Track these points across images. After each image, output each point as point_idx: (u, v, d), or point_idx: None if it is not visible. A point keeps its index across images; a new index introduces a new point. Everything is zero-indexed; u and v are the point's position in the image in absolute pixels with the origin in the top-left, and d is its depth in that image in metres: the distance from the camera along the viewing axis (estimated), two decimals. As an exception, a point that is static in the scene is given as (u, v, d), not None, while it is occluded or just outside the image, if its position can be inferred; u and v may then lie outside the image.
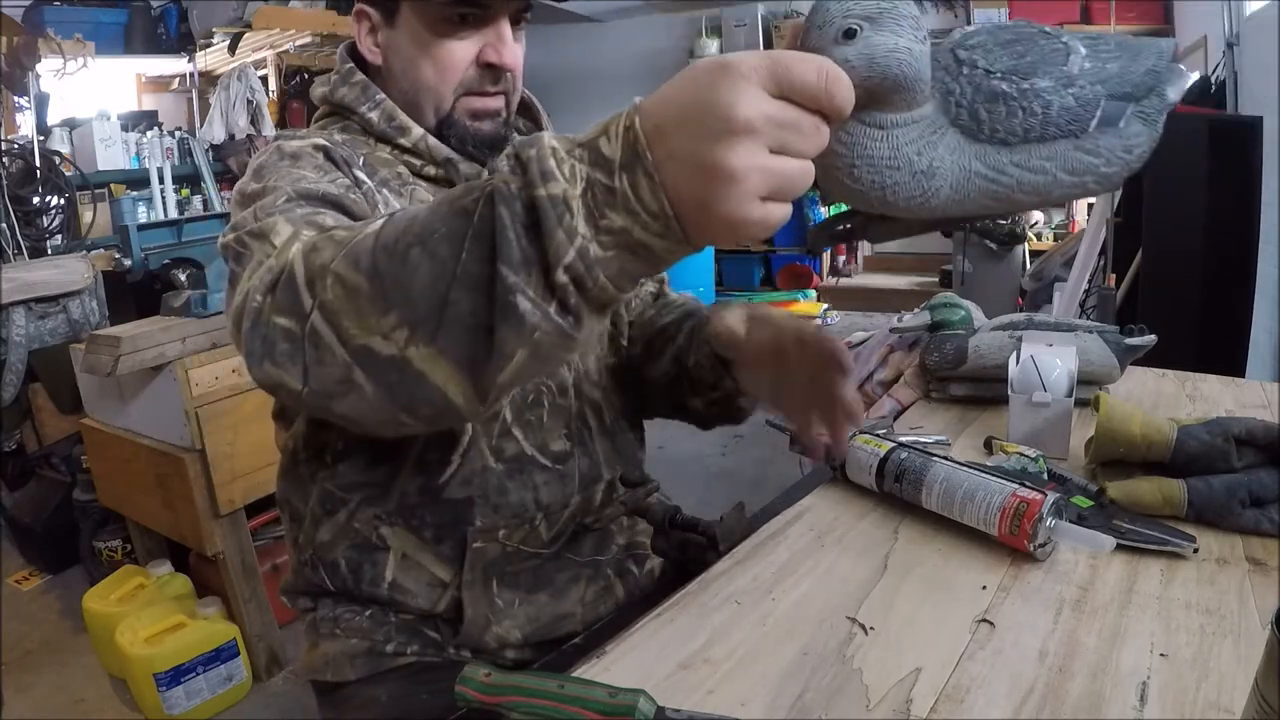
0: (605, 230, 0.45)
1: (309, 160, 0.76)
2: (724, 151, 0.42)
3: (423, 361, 0.49)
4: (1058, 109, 0.52)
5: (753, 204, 0.43)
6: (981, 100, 0.51)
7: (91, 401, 2.13)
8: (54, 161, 3.21)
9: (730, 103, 0.42)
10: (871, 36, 0.47)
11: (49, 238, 3.12)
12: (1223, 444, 0.78)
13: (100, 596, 1.98)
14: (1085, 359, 1.06)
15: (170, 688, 1.80)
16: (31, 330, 2.58)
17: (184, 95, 4.40)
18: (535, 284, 0.46)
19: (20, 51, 3.25)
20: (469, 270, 0.46)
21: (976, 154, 0.51)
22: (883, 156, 0.49)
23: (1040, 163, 0.52)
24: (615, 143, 0.45)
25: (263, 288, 0.56)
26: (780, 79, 0.42)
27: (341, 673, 0.83)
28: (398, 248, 0.49)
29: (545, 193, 0.45)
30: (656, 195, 0.44)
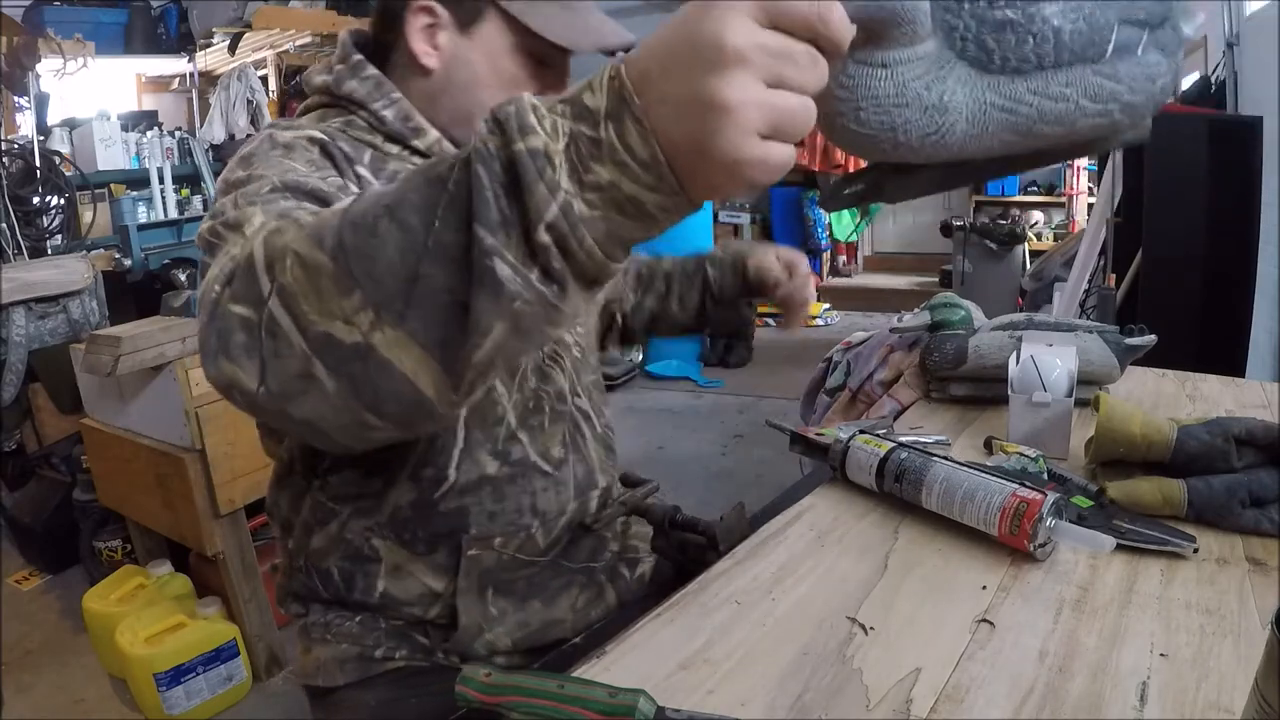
0: (591, 186, 0.42)
1: (302, 153, 0.73)
2: (716, 83, 0.39)
3: (389, 347, 0.44)
4: (1070, 33, 0.49)
5: (751, 140, 0.40)
6: (989, 30, 0.48)
7: (91, 401, 2.13)
8: (54, 161, 3.21)
9: (718, 31, 0.39)
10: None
11: (49, 238, 3.13)
12: (1223, 444, 0.77)
13: (100, 596, 1.98)
14: (1085, 359, 1.06)
15: (170, 688, 1.80)
16: (31, 330, 2.58)
17: (184, 95, 4.40)
18: (515, 247, 0.42)
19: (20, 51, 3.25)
20: (442, 240, 0.43)
21: (990, 85, 0.49)
22: (889, 95, 0.47)
23: (1060, 89, 0.49)
24: (600, 93, 0.42)
25: (222, 277, 0.51)
26: (770, 8, 0.40)
27: (332, 677, 0.83)
28: (365, 221, 0.45)
29: (524, 146, 0.41)
30: (647, 141, 0.40)
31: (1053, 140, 0.52)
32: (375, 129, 0.82)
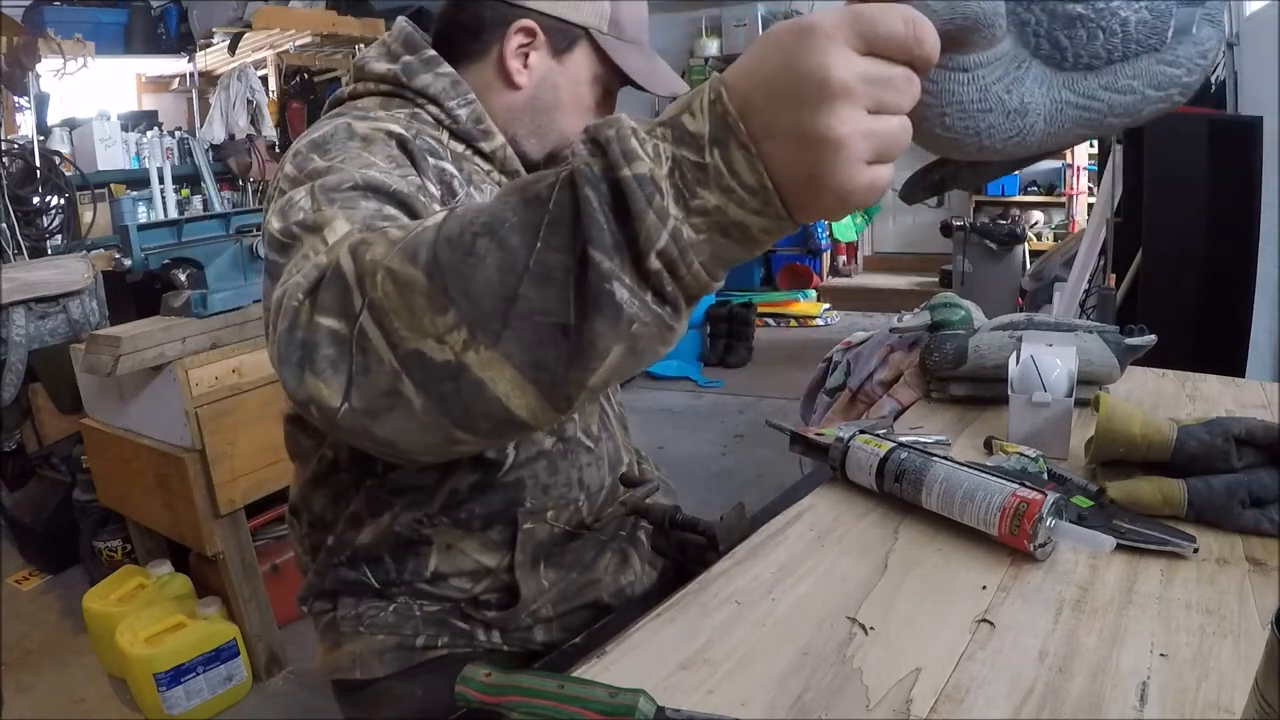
0: (697, 211, 0.41)
1: (381, 148, 0.71)
2: (826, 119, 0.39)
3: (483, 368, 0.43)
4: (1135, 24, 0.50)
5: (860, 169, 0.40)
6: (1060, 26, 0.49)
7: (91, 401, 2.13)
8: (54, 161, 3.21)
9: (821, 65, 0.39)
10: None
11: (49, 238, 3.13)
12: (1223, 444, 0.77)
13: (100, 596, 1.99)
14: (1085, 359, 1.06)
15: (170, 688, 1.80)
16: (31, 330, 2.58)
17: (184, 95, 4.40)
18: (629, 271, 0.42)
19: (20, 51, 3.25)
20: (544, 260, 0.42)
21: (1065, 83, 0.49)
22: (972, 100, 0.47)
23: (1128, 82, 0.51)
24: (701, 117, 0.41)
25: (306, 285, 0.50)
26: (866, 34, 0.40)
27: (371, 670, 0.83)
28: (462, 239, 0.44)
29: (631, 173, 0.41)
30: (754, 168, 0.40)
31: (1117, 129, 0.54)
32: (442, 125, 0.83)
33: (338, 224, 0.57)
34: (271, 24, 3.84)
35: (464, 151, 0.84)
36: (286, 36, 3.97)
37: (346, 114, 0.77)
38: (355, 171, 0.63)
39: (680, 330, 0.45)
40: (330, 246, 0.54)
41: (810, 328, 5.24)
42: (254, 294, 1.99)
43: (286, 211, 0.60)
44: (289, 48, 4.09)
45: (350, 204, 0.59)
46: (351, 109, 0.80)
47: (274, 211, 0.62)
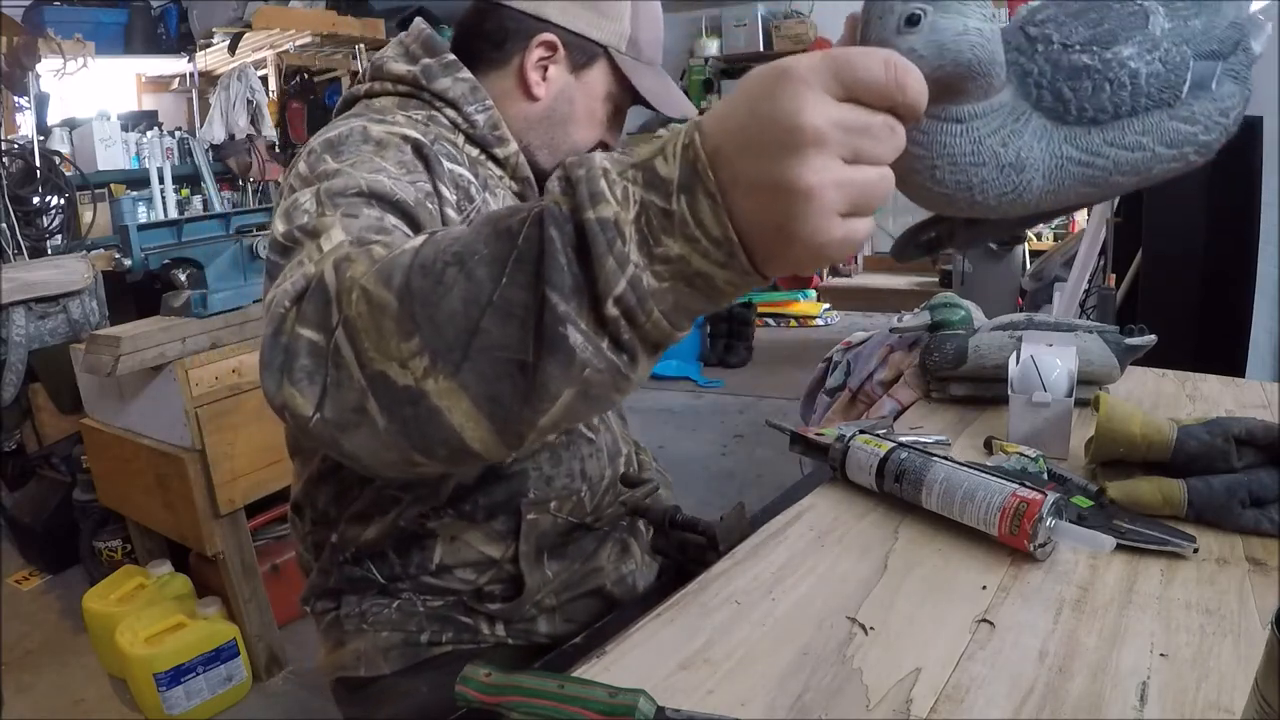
0: (660, 259, 0.41)
1: (394, 153, 0.71)
2: (796, 167, 0.38)
3: (440, 396, 0.44)
4: (1146, 77, 0.47)
5: (833, 222, 0.39)
6: (1064, 78, 0.46)
7: (91, 401, 2.13)
8: (54, 161, 3.21)
9: (794, 111, 0.38)
10: (937, 20, 0.42)
11: (49, 238, 3.13)
12: (1223, 444, 0.77)
13: (100, 596, 1.98)
14: (1085, 359, 1.06)
15: (170, 688, 1.80)
16: (31, 330, 2.58)
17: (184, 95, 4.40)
18: (586, 315, 0.41)
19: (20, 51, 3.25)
20: (507, 296, 0.42)
21: (1066, 137, 0.46)
22: (965, 153, 0.45)
23: (1136, 138, 0.47)
24: (673, 162, 0.40)
25: (292, 294, 0.51)
26: (844, 79, 0.38)
27: (376, 667, 0.83)
28: (434, 266, 0.44)
29: (594, 215, 0.41)
30: (719, 218, 0.39)
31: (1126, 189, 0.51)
32: (459, 129, 0.84)
33: (334, 232, 0.57)
34: (271, 24, 3.84)
35: (478, 156, 0.85)
36: (286, 36, 3.97)
37: (364, 115, 0.77)
38: (362, 177, 0.63)
39: (638, 379, 0.44)
40: (322, 256, 0.54)
41: (810, 328, 5.23)
42: (254, 294, 1.99)
43: (291, 214, 0.61)
44: (289, 48, 4.09)
45: (352, 211, 0.59)
46: (368, 110, 0.81)
47: (280, 213, 0.63)
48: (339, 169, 0.65)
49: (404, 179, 0.67)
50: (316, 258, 0.55)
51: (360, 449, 0.48)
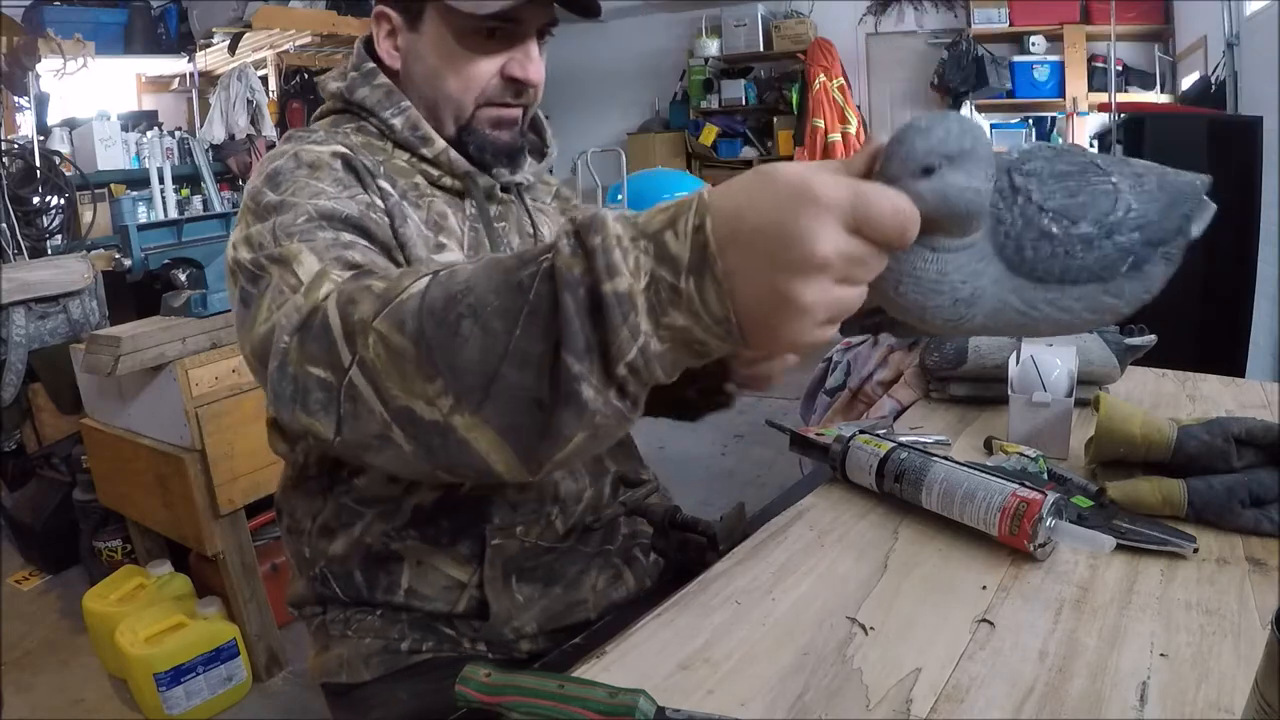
0: (666, 327, 0.45)
1: (328, 172, 0.74)
2: (800, 285, 0.42)
3: (467, 429, 0.48)
4: (1096, 257, 0.52)
5: (814, 329, 0.44)
6: (1030, 237, 0.51)
7: (91, 401, 2.13)
8: (54, 161, 3.21)
9: (812, 238, 0.42)
10: (947, 174, 0.47)
11: (49, 238, 3.13)
12: (1223, 444, 0.77)
13: (100, 596, 1.98)
14: (1085, 359, 1.06)
15: (170, 688, 1.80)
16: (31, 330, 2.58)
17: (184, 95, 4.40)
18: (597, 372, 0.46)
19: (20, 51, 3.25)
20: (522, 347, 0.46)
21: (1015, 288, 0.52)
22: (930, 279, 0.49)
23: (1070, 303, 0.53)
24: (683, 241, 0.44)
25: (290, 328, 0.55)
26: (860, 215, 0.43)
27: (357, 673, 0.83)
28: (448, 317, 0.48)
29: (611, 289, 0.44)
30: (723, 303, 0.44)
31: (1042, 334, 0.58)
32: (385, 136, 0.84)
33: (304, 257, 0.62)
34: (271, 24, 3.85)
35: (409, 160, 0.83)
36: (286, 36, 3.98)
37: (293, 140, 0.79)
38: (306, 203, 0.68)
39: (636, 419, 0.49)
40: (307, 286, 0.58)
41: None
42: (254, 294, 1.99)
43: (252, 243, 0.66)
44: (289, 48, 4.09)
45: (309, 236, 0.64)
46: (300, 136, 0.81)
47: (240, 242, 0.67)
48: (281, 201, 0.69)
49: (343, 195, 0.72)
50: (296, 285, 0.59)
51: (386, 464, 0.53)
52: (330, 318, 0.53)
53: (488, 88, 0.82)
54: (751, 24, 5.88)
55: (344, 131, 0.83)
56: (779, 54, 5.85)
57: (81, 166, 3.38)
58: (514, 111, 0.85)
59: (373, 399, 0.51)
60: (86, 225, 3.25)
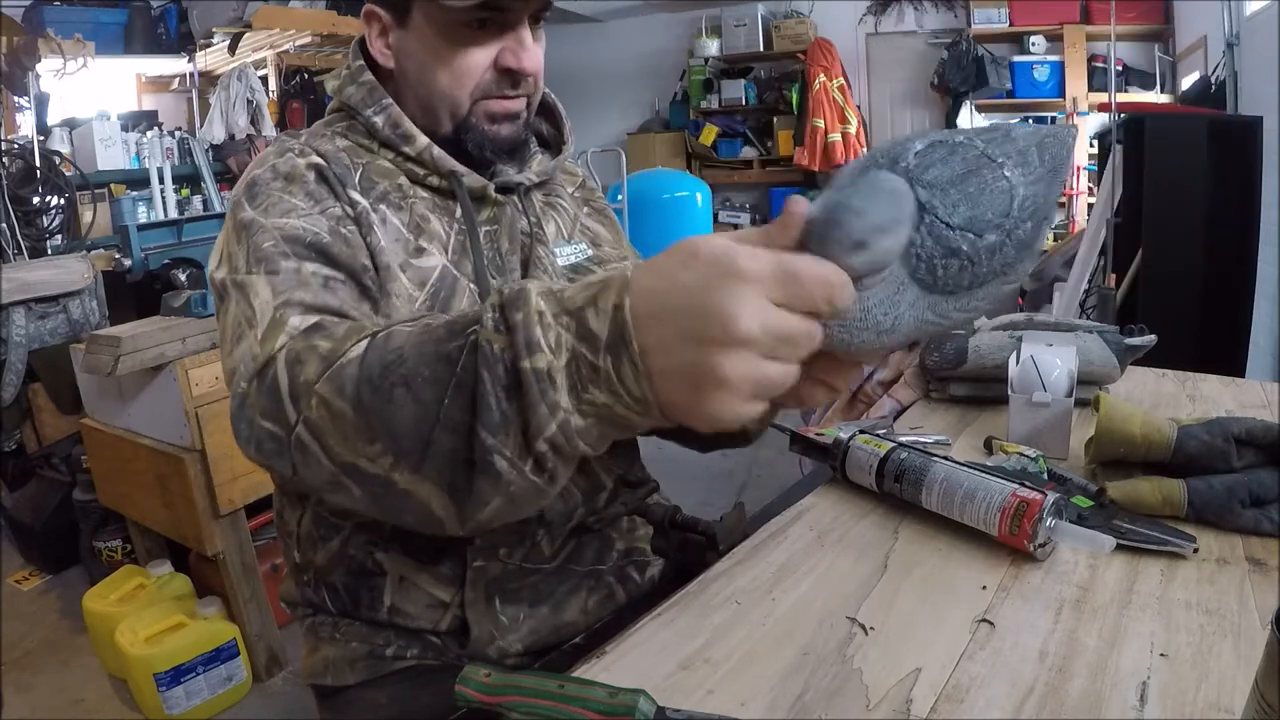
0: (588, 403, 0.46)
1: (301, 185, 0.75)
2: (720, 360, 0.42)
3: (407, 483, 0.51)
4: (1000, 260, 0.54)
5: (736, 406, 0.43)
6: (940, 255, 0.52)
7: (91, 401, 2.13)
8: (54, 161, 3.21)
9: (733, 312, 0.41)
10: (879, 245, 0.48)
11: (49, 238, 3.13)
12: (1223, 444, 0.77)
13: (100, 596, 1.98)
14: (1085, 359, 1.06)
15: (170, 688, 1.80)
16: (31, 330, 2.58)
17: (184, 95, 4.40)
18: (513, 445, 0.47)
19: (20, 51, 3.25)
20: (451, 416, 0.48)
21: (930, 304, 0.53)
22: (854, 319, 0.51)
23: (977, 304, 0.55)
24: (602, 320, 0.45)
25: (247, 375, 0.60)
26: (788, 291, 0.42)
27: (342, 677, 0.82)
28: (383, 384, 0.50)
29: (530, 365, 0.46)
30: (639, 383, 0.44)
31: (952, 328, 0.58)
32: (370, 135, 0.82)
33: (260, 288, 0.65)
34: (271, 24, 3.84)
35: (394, 161, 0.82)
36: (286, 36, 3.98)
37: (278, 150, 0.79)
38: (275, 224, 0.70)
39: (555, 491, 0.51)
40: (262, 334, 0.62)
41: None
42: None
43: (225, 263, 0.70)
44: (289, 48, 4.09)
45: (272, 265, 0.67)
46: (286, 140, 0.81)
47: (218, 255, 0.72)
48: (253, 220, 0.71)
49: (314, 211, 0.73)
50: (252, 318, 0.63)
51: (344, 504, 0.57)
52: (279, 376, 0.56)
53: (482, 81, 0.79)
54: (751, 24, 5.87)
55: (331, 133, 0.83)
56: (779, 54, 5.85)
57: (81, 166, 3.38)
58: (514, 104, 0.82)
59: (320, 454, 0.54)
60: (86, 225, 3.25)
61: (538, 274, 0.84)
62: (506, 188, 0.85)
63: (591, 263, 0.91)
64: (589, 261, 0.91)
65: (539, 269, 0.85)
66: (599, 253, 0.93)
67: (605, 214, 0.99)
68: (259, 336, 0.62)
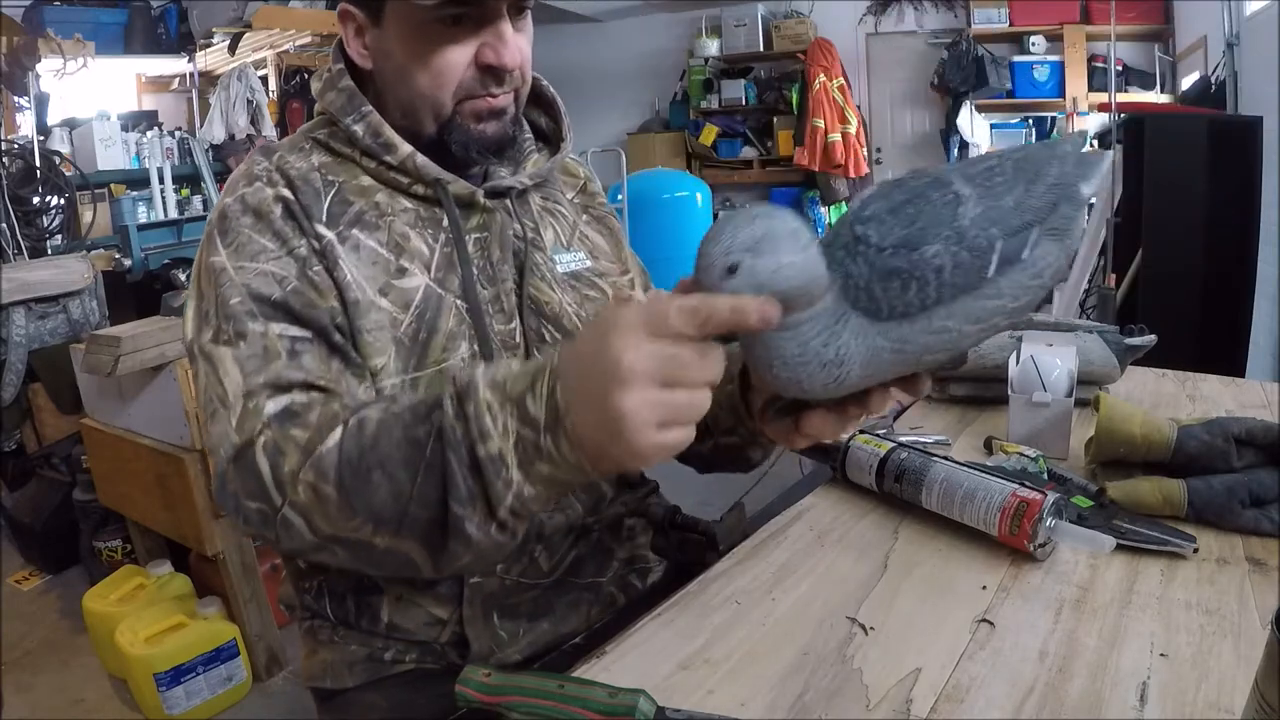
0: (535, 475, 0.55)
1: (268, 224, 0.73)
2: (617, 394, 0.49)
3: (387, 544, 0.59)
4: (950, 270, 0.53)
5: (647, 434, 0.50)
6: (878, 279, 0.53)
7: (91, 401, 2.13)
8: (54, 161, 3.21)
9: (617, 352, 0.49)
10: (753, 265, 0.50)
11: (49, 238, 3.13)
12: (1223, 444, 0.77)
13: (100, 596, 1.98)
14: (1085, 359, 1.06)
15: (170, 688, 1.80)
16: (31, 330, 2.58)
17: (184, 95, 4.41)
18: (479, 513, 0.56)
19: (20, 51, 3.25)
20: (424, 493, 0.57)
21: (880, 332, 0.53)
22: (793, 354, 0.53)
23: (942, 324, 0.54)
24: (540, 404, 0.53)
25: (225, 457, 0.65)
26: (658, 327, 0.49)
27: (340, 680, 0.81)
28: (361, 468, 0.58)
29: (485, 452, 0.55)
30: (574, 453, 0.53)
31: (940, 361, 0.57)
32: (352, 143, 0.79)
33: (229, 366, 0.68)
34: (271, 24, 3.85)
35: (376, 169, 0.78)
36: (286, 36, 3.98)
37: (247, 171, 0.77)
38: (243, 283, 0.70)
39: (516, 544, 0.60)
40: (237, 420, 0.65)
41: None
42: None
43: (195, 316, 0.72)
44: (289, 48, 4.09)
45: (240, 327, 0.69)
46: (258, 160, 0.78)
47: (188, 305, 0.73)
48: (224, 267, 0.71)
49: (283, 253, 0.72)
50: (224, 396, 0.67)
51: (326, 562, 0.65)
52: (260, 464, 0.62)
53: (464, 80, 0.75)
54: (751, 24, 5.88)
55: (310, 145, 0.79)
56: (779, 54, 5.85)
57: (81, 166, 3.38)
58: (499, 101, 0.77)
59: (304, 529, 0.61)
60: (86, 225, 3.25)
61: (535, 281, 0.81)
62: (496, 192, 0.81)
63: (592, 274, 0.87)
64: (589, 273, 0.87)
65: (536, 276, 0.81)
66: (597, 265, 0.89)
67: (605, 222, 0.94)
68: (234, 423, 0.65)
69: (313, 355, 0.70)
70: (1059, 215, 0.56)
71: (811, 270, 0.51)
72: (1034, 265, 0.55)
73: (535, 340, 0.80)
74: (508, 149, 0.81)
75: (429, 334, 0.75)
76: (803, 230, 0.52)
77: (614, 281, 0.90)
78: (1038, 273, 0.56)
